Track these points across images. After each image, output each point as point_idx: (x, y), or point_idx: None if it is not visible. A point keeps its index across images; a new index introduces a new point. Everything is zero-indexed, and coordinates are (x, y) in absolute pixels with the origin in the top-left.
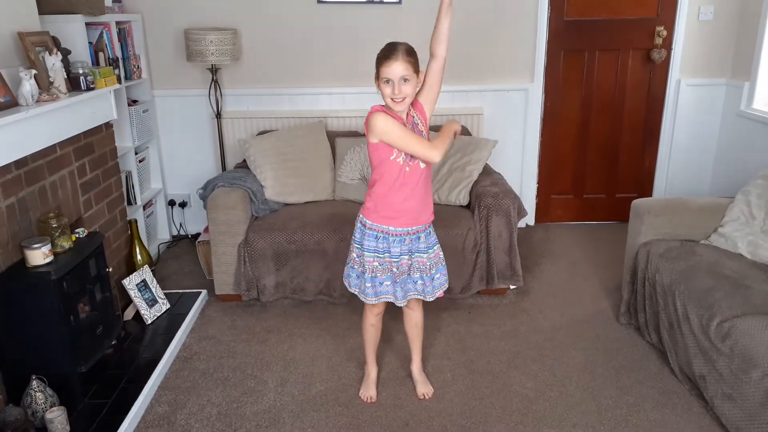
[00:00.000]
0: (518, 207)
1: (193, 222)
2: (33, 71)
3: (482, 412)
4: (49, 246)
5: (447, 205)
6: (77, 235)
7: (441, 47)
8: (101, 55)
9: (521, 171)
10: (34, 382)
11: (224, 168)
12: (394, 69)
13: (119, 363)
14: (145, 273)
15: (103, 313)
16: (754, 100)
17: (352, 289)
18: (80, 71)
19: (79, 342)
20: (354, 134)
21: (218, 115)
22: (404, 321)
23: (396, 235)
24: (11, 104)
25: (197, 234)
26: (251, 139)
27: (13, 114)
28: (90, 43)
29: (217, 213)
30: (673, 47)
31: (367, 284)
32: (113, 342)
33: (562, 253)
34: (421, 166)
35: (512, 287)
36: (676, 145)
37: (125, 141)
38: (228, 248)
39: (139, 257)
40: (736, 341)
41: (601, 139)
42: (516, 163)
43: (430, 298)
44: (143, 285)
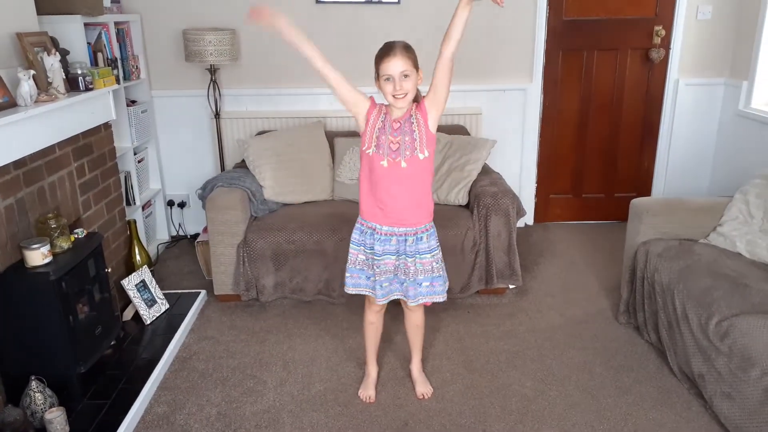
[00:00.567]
0: (517, 207)
1: (192, 222)
2: (31, 72)
3: (481, 412)
4: (48, 246)
5: (446, 205)
6: (76, 236)
7: (447, 45)
8: (100, 56)
9: (520, 171)
10: (33, 383)
11: (223, 168)
12: (394, 65)
13: (118, 363)
14: (144, 273)
15: (102, 314)
16: (753, 100)
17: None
18: (79, 72)
19: (78, 342)
20: (353, 134)
21: (217, 116)
22: (405, 321)
23: (381, 234)
24: (10, 105)
25: (196, 234)
26: (250, 140)
27: (12, 114)
28: (88, 44)
29: (216, 213)
30: (672, 47)
31: (347, 274)
32: (112, 342)
33: (561, 253)
34: (402, 165)
35: (511, 287)
36: (675, 145)
37: (124, 141)
38: (227, 248)
39: (138, 258)
40: (735, 340)
41: (600, 139)
42: (515, 163)
43: (412, 303)
44: (142, 285)
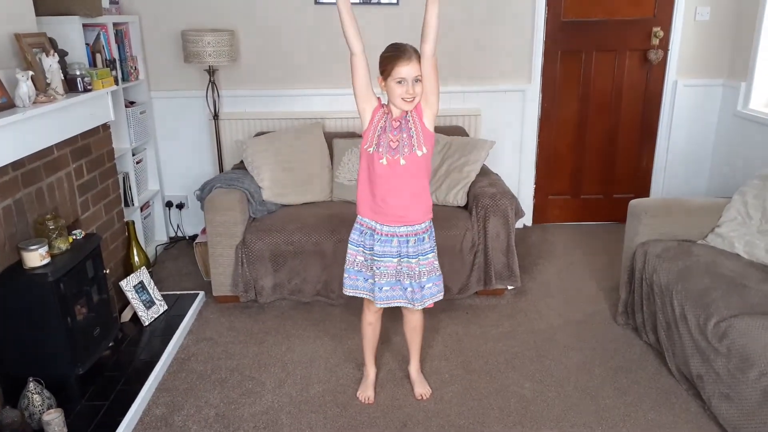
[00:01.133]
0: (516, 207)
1: (191, 223)
2: (30, 72)
3: (480, 413)
4: (46, 248)
5: (444, 206)
6: (74, 237)
7: (426, 44)
8: (98, 57)
9: (519, 171)
10: (31, 384)
11: (222, 169)
12: (410, 69)
13: (117, 365)
14: (143, 274)
15: (101, 315)
16: (751, 101)
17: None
18: (77, 73)
19: (77, 344)
20: (352, 135)
21: (215, 117)
22: (403, 323)
23: (382, 234)
24: (8, 105)
25: (195, 235)
26: (249, 141)
27: (10, 115)
28: (87, 45)
29: (215, 214)
30: (670, 48)
31: (345, 275)
32: (110, 344)
33: (560, 254)
34: (401, 162)
35: (510, 288)
36: (673, 146)
37: (122, 142)
38: (225, 249)
39: (137, 259)
40: (733, 341)
41: (599, 140)
42: (513, 164)
43: (418, 306)
44: (140, 286)
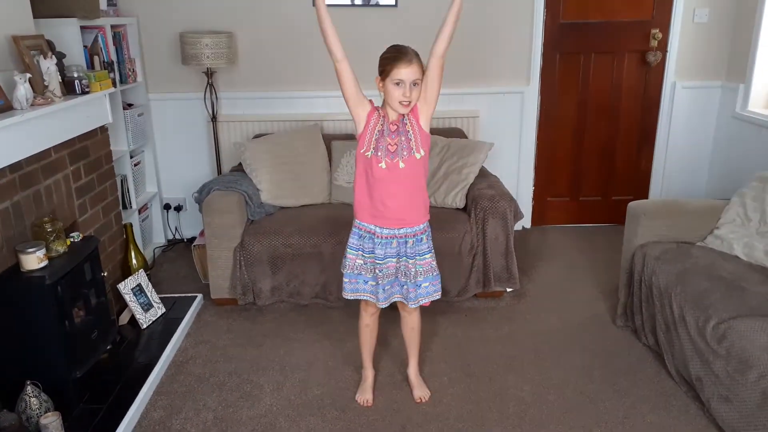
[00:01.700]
0: (514, 210)
1: (189, 226)
2: (27, 75)
3: (479, 416)
4: (44, 250)
5: (443, 208)
6: (72, 240)
7: (441, 42)
8: (96, 59)
9: (517, 173)
10: (29, 388)
11: (220, 171)
12: (409, 72)
13: (114, 368)
14: (141, 277)
15: (98, 318)
16: (749, 102)
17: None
18: (75, 75)
19: (74, 347)
20: (350, 137)
21: (214, 119)
22: (401, 324)
23: (382, 237)
24: (6, 108)
25: (193, 238)
26: (247, 143)
27: (8, 118)
28: (85, 47)
29: (213, 217)
30: (668, 50)
31: (345, 279)
32: (108, 347)
33: (559, 256)
34: (400, 166)
35: (509, 290)
36: (672, 148)
37: (120, 145)
38: (224, 252)
39: (135, 261)
40: (732, 343)
41: (597, 142)
42: (512, 166)
43: (412, 305)
44: (138, 289)
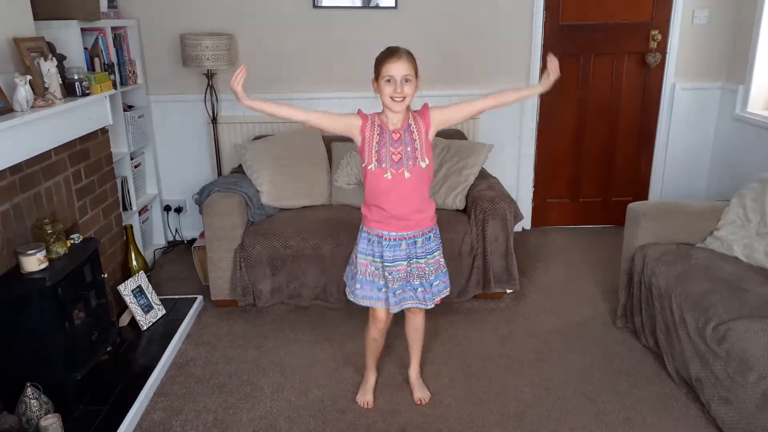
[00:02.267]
0: (514, 211)
1: (189, 227)
2: (28, 77)
3: (479, 417)
4: (44, 252)
5: (443, 210)
6: (72, 241)
7: (489, 104)
8: (97, 61)
9: (517, 175)
10: (29, 390)
11: (220, 173)
12: (398, 67)
13: (115, 370)
14: (141, 279)
15: (99, 320)
16: (749, 104)
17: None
18: (75, 77)
19: (74, 349)
20: (350, 139)
21: (214, 121)
22: (405, 325)
23: (390, 240)
24: (6, 110)
25: (193, 239)
26: (247, 144)
27: (8, 120)
28: (85, 49)
29: (213, 218)
30: (668, 51)
31: (357, 285)
32: (108, 348)
33: (559, 257)
34: (406, 176)
35: (509, 291)
36: (672, 149)
37: (121, 146)
38: (224, 253)
39: (135, 263)
40: (732, 344)
41: (597, 143)
42: (512, 167)
43: (430, 305)
44: (139, 291)
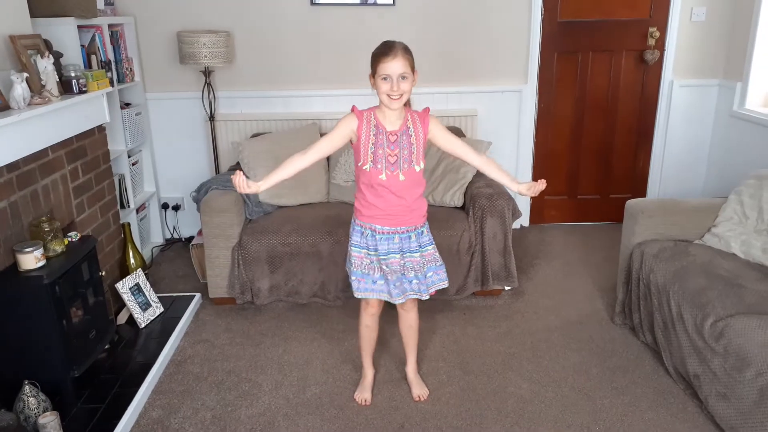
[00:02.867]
0: (512, 208)
1: (187, 225)
2: (24, 74)
3: (477, 414)
4: (42, 250)
5: (441, 207)
6: (70, 239)
7: (475, 164)
8: (93, 58)
9: (515, 172)
10: (27, 387)
11: (218, 171)
12: (394, 66)
13: (113, 367)
14: (139, 276)
15: (96, 317)
16: (747, 101)
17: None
18: (72, 74)
19: (72, 346)
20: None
21: (211, 118)
22: (399, 322)
23: (383, 233)
24: (3, 108)
25: (191, 237)
26: (245, 142)
27: (5, 117)
28: (82, 46)
29: (211, 216)
30: (666, 48)
31: (353, 278)
32: (106, 346)
33: (557, 254)
34: (401, 178)
35: (507, 288)
36: (670, 146)
37: (118, 144)
38: (222, 251)
39: (133, 261)
40: (730, 340)
41: (595, 140)
42: (510, 165)
43: (426, 296)
44: (136, 289)
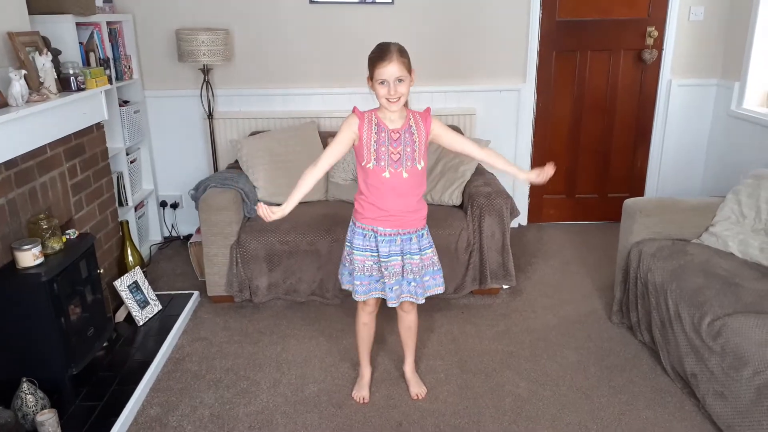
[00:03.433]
0: (511, 207)
1: (185, 223)
2: (23, 71)
3: (475, 412)
4: (40, 247)
5: (440, 206)
6: (68, 237)
7: (478, 157)
8: (92, 56)
9: None
10: (25, 385)
11: (216, 169)
12: (390, 70)
13: (111, 365)
14: (137, 274)
15: (95, 315)
16: (745, 100)
17: (345, 286)
18: (71, 72)
19: (70, 344)
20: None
21: (210, 116)
22: (398, 323)
23: (385, 235)
24: (1, 105)
25: (189, 235)
26: (243, 140)
27: (3, 115)
28: (80, 44)
29: (209, 214)
30: (664, 47)
31: (356, 282)
32: (104, 344)
33: (555, 253)
34: (404, 176)
35: (505, 287)
36: (668, 145)
37: (116, 142)
38: (220, 249)
39: (131, 258)
40: (727, 339)
41: (593, 140)
42: None
43: (421, 300)
44: (135, 286)
